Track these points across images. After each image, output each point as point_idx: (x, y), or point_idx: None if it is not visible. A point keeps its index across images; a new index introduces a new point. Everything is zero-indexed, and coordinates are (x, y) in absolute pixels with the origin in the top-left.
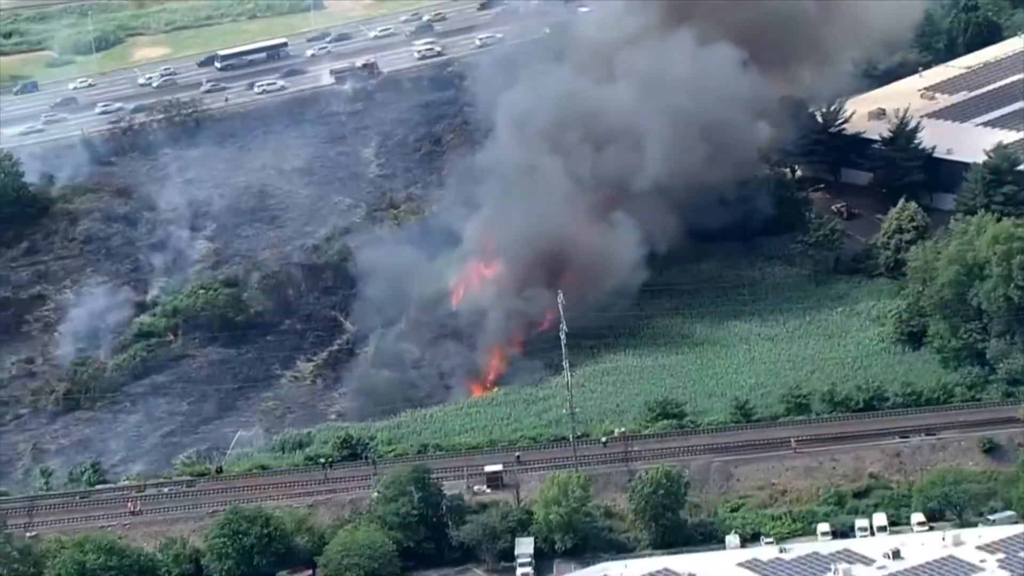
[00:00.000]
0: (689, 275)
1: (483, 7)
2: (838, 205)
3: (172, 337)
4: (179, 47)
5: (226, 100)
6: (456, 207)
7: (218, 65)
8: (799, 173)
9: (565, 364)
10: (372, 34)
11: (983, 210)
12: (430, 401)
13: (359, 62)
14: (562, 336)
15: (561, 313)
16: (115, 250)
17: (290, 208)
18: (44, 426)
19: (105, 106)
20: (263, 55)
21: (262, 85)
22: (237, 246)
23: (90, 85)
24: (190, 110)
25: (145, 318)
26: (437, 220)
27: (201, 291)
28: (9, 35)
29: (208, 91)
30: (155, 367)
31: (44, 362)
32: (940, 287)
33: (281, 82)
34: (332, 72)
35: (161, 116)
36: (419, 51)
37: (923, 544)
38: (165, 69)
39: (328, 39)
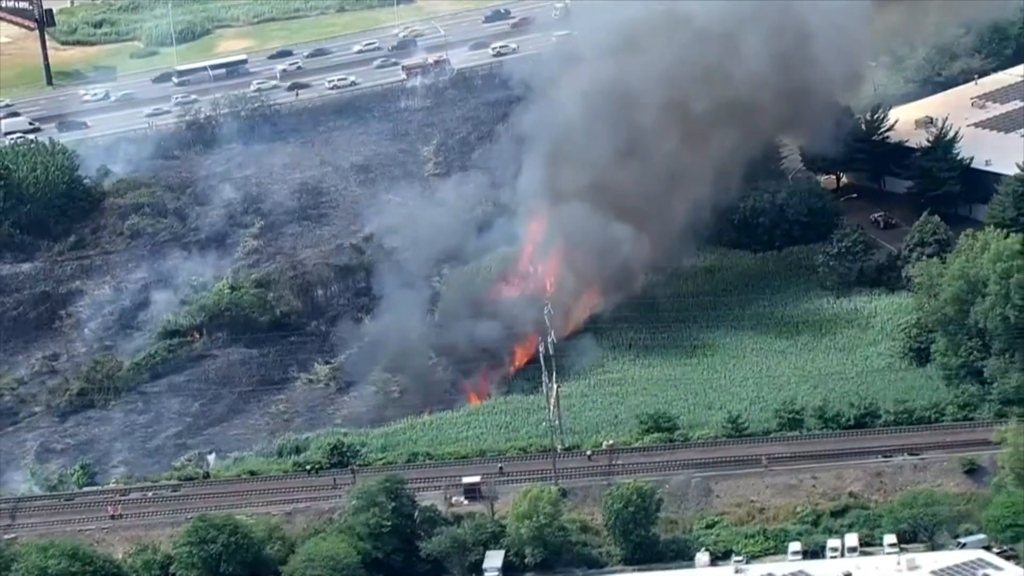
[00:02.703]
0: (712, 283)
1: (488, 20)
2: (876, 215)
3: (196, 336)
4: (263, 40)
5: (296, 95)
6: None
7: (175, 80)
8: (844, 180)
9: (546, 378)
10: (356, 48)
11: (990, 226)
12: (439, 406)
13: (431, 58)
14: (549, 348)
15: (548, 324)
16: (161, 245)
17: (340, 206)
18: (56, 425)
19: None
20: (222, 71)
21: (333, 80)
22: (280, 244)
23: (7, 104)
24: (257, 104)
25: (171, 316)
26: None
27: (228, 290)
28: (99, 24)
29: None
30: (174, 366)
31: (68, 359)
32: (943, 303)
33: (352, 77)
34: (404, 68)
35: (227, 110)
36: (494, 48)
37: (877, 568)
38: (94, 91)
39: (306, 54)
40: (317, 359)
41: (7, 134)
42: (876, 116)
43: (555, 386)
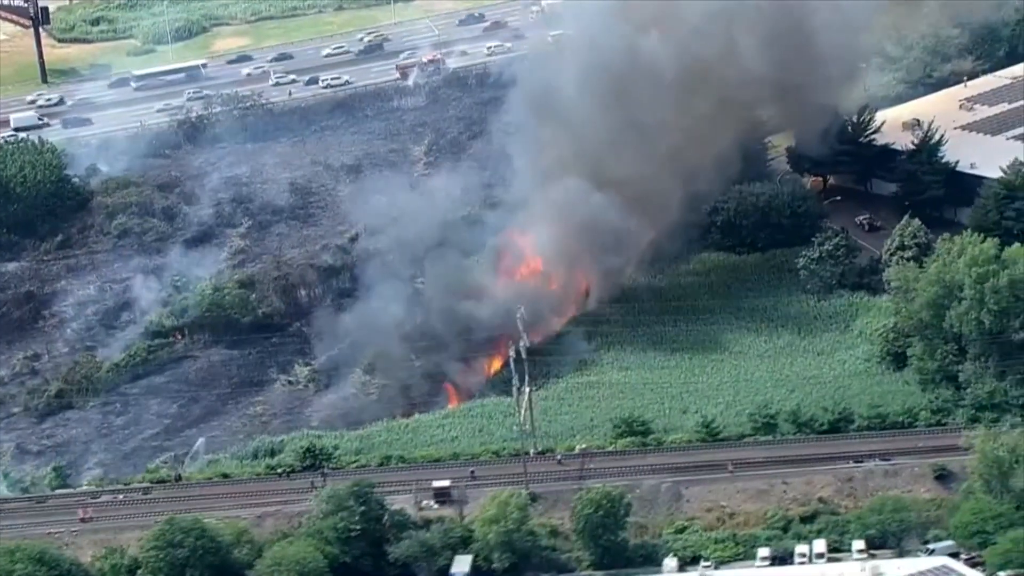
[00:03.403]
0: (694, 285)
1: (462, 23)
2: (861, 217)
3: (179, 337)
4: (260, 38)
5: (290, 94)
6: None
7: (133, 85)
8: (831, 182)
9: (516, 381)
10: (325, 52)
11: (966, 230)
12: (417, 408)
13: (425, 57)
14: (521, 352)
15: (520, 328)
16: (148, 245)
17: (328, 206)
18: (33, 426)
19: None
20: (181, 76)
21: (327, 79)
22: (267, 244)
23: None
24: (248, 103)
25: (153, 316)
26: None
27: (210, 291)
28: (97, 22)
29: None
30: (155, 367)
31: (49, 359)
32: (919, 308)
33: (346, 76)
34: (397, 67)
35: (219, 109)
36: (489, 47)
37: (842, 574)
38: (42, 96)
39: (270, 58)
40: (298, 360)
41: (16, 129)
42: (862, 118)
43: (527, 390)
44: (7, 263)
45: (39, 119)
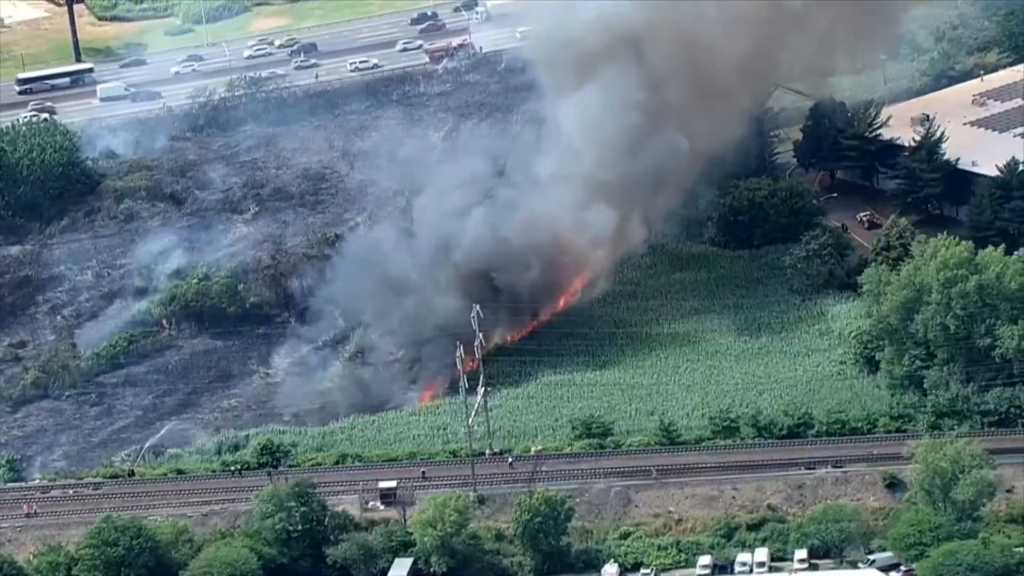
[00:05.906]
0: (681, 281)
1: (415, 22)
2: (862, 214)
3: (165, 326)
4: (299, 19)
5: (316, 77)
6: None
7: (17, 89)
8: (839, 176)
9: (464, 382)
10: (246, 53)
11: (942, 233)
12: (391, 404)
13: (455, 42)
14: (477, 353)
15: (476, 326)
16: (153, 230)
17: (338, 193)
18: (6, 415)
19: None
20: (66, 80)
21: (355, 63)
22: (270, 231)
23: None
24: (271, 87)
25: (141, 304)
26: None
27: (199, 280)
28: (140, 0)
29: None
30: (135, 357)
31: (34, 346)
32: (887, 312)
33: (375, 60)
34: (426, 51)
35: (241, 92)
36: (520, 32)
37: None
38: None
39: (180, 60)
40: (279, 352)
41: (103, 99)
42: (868, 112)
43: (480, 390)
44: (10, 246)
45: (125, 89)
